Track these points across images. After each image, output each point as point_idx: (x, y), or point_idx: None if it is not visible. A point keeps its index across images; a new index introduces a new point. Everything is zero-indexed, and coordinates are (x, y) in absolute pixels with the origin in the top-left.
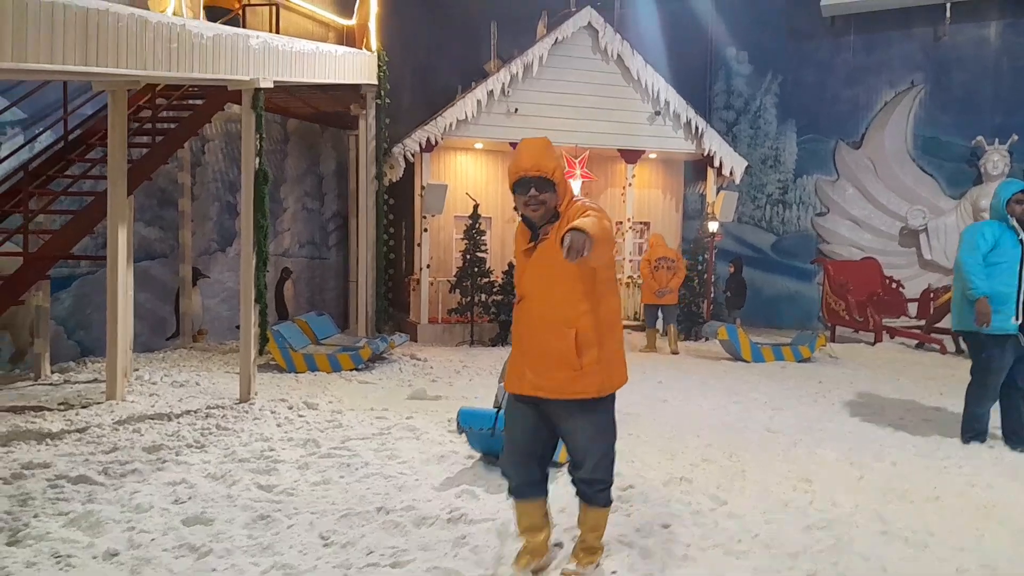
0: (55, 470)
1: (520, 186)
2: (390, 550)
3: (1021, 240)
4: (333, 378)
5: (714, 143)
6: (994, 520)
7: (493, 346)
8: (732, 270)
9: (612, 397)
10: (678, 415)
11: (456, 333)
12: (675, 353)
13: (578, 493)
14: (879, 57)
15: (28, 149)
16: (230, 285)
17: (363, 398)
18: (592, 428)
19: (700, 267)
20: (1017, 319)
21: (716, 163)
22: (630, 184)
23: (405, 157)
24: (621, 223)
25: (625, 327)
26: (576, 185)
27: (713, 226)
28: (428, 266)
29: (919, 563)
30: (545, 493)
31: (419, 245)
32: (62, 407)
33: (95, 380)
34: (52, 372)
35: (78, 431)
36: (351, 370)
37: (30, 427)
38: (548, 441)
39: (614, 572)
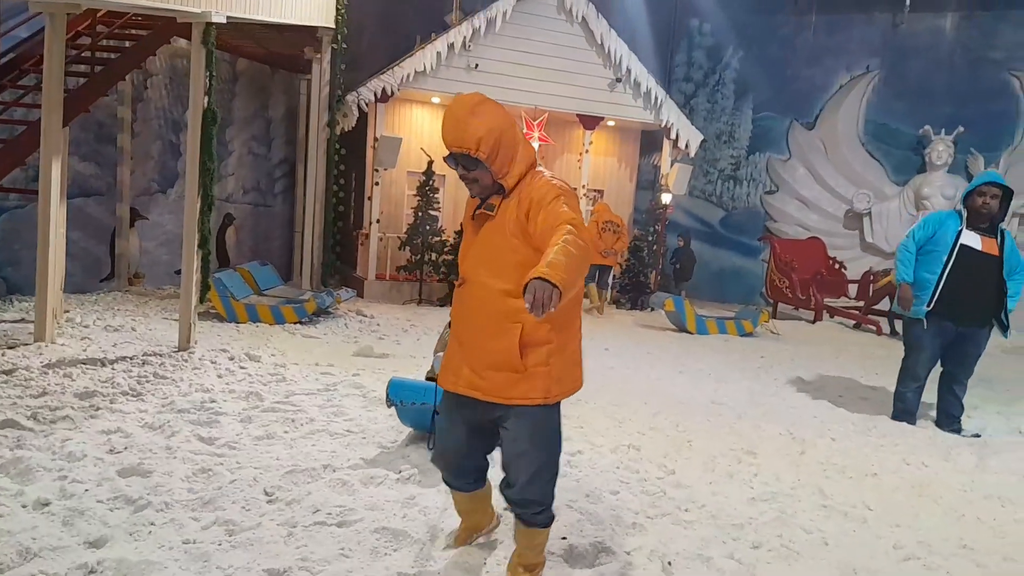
0: None
1: (450, 160)
2: (337, 509)
3: (960, 231)
4: (276, 330)
5: (672, 115)
6: (928, 498)
7: (442, 306)
8: (682, 243)
9: (558, 405)
10: (626, 383)
11: (404, 291)
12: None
13: (511, 511)
14: (838, 39)
15: None
16: (170, 228)
17: (307, 353)
18: (529, 439)
19: (651, 238)
20: (929, 306)
21: (673, 135)
22: (587, 151)
23: (359, 106)
24: (576, 189)
25: None
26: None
27: (666, 198)
28: (378, 221)
29: (858, 537)
30: (482, 486)
31: (370, 199)
32: None
33: (22, 320)
34: None
35: (4, 373)
36: (295, 323)
37: None
38: (486, 447)
39: (564, 538)
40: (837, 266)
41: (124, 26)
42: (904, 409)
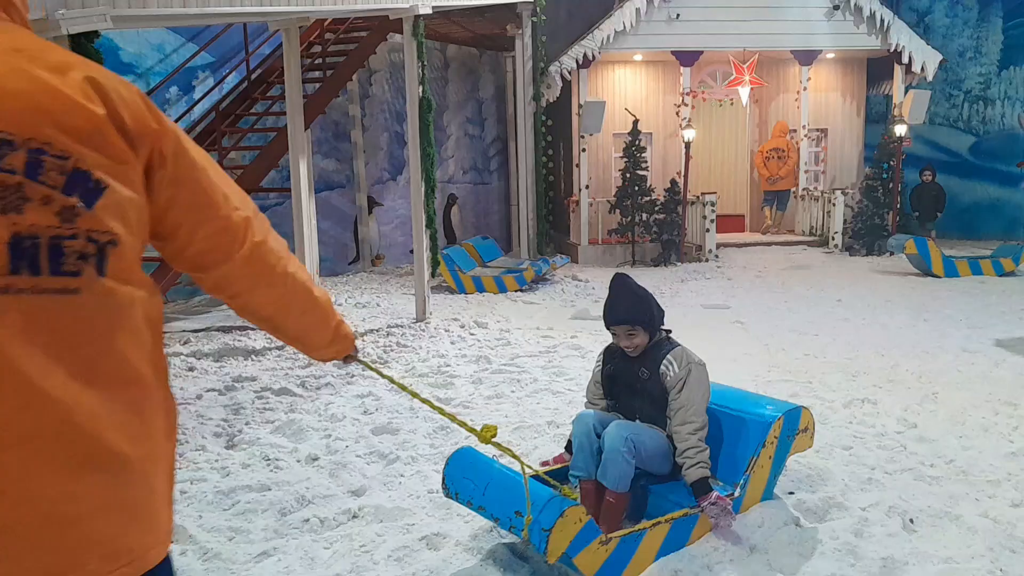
0: (260, 383)
1: None
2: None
3: None
4: (500, 299)
5: (902, 36)
6: None
7: (655, 266)
8: (928, 177)
9: None
10: (860, 334)
11: (617, 254)
12: (775, 230)
13: None
14: None
15: (218, 90)
16: (402, 212)
17: (528, 318)
18: None
19: (885, 176)
20: None
21: (904, 59)
22: (804, 88)
23: (562, 75)
24: (795, 131)
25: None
26: (744, 92)
27: (900, 129)
28: (587, 187)
29: None
30: None
31: (578, 166)
32: None
33: None
34: None
35: (278, 348)
36: (516, 291)
37: (238, 344)
38: None
39: (791, 493)
40: None
41: (347, 31)
42: None
